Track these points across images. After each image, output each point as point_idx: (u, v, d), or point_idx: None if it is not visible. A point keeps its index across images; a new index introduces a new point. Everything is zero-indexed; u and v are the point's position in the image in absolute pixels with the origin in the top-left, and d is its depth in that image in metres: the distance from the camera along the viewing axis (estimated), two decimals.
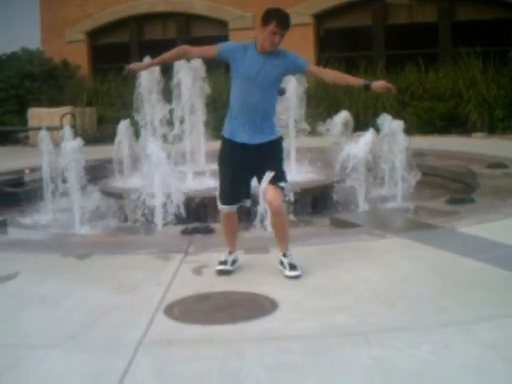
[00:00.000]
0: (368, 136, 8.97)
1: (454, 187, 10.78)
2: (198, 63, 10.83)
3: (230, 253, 5.83)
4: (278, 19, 5.39)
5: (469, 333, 4.15)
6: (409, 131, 9.72)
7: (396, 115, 10.51)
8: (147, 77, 11.16)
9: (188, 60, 10.52)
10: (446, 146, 13.76)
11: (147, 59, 11.13)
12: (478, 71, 17.73)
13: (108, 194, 9.68)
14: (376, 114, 11.44)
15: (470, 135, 16.56)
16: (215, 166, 5.97)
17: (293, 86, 10.43)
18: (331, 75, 5.96)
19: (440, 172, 11.42)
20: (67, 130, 10.06)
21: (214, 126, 10.98)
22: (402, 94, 18.11)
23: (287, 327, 4.43)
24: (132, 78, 10.67)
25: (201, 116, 11.04)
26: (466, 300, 4.76)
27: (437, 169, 11.52)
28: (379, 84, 5.70)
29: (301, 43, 17.46)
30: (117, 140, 11.25)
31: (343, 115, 10.99)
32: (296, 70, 5.84)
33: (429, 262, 5.74)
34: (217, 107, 12.06)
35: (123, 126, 11.25)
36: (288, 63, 5.60)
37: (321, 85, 18.42)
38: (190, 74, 10.85)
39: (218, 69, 15.75)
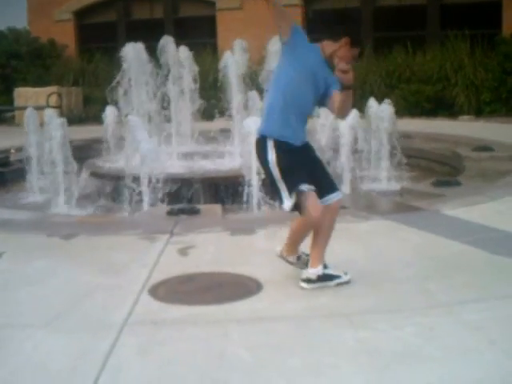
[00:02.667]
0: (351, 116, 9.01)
1: (440, 170, 10.82)
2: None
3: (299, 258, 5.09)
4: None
5: (453, 315, 4.16)
6: (396, 114, 9.76)
7: (383, 98, 10.53)
8: (134, 56, 11.11)
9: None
10: (432, 129, 13.79)
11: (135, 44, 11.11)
12: (466, 54, 17.76)
13: (94, 174, 9.64)
14: (363, 97, 11.46)
15: (456, 118, 16.60)
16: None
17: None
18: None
19: (426, 154, 11.46)
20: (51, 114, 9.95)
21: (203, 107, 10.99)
22: (389, 77, 18.14)
23: (272, 308, 4.44)
24: None
25: (188, 97, 11.02)
26: (451, 282, 4.78)
27: (423, 151, 11.56)
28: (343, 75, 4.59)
29: None
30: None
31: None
32: (326, 88, 4.79)
33: (414, 244, 5.75)
34: (205, 87, 12.06)
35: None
36: (330, 79, 4.74)
37: None
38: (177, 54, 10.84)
39: (204, 49, 15.68)
